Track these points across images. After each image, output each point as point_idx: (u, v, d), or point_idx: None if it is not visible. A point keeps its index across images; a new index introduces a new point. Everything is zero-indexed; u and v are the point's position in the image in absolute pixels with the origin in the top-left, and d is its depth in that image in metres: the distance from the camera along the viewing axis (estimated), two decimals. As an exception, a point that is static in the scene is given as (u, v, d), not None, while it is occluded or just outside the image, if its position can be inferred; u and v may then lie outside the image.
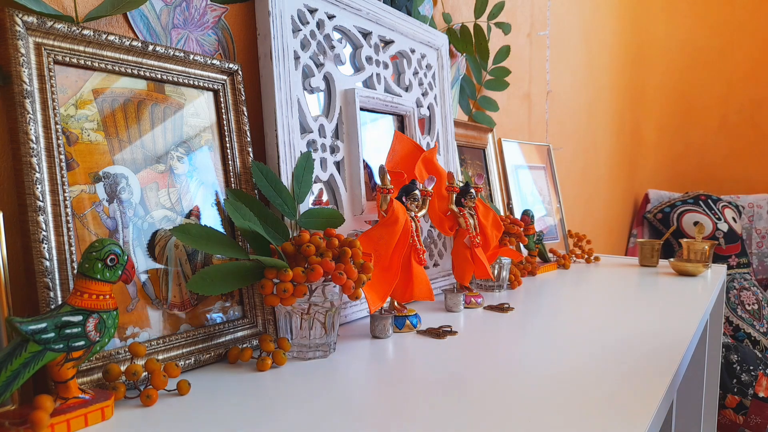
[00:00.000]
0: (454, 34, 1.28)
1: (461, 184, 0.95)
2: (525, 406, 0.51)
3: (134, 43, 0.59)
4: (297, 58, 0.78)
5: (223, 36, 0.75)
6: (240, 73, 0.71)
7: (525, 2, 1.74)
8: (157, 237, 0.60)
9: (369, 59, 0.92)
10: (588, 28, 2.33)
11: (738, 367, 1.97)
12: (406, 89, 1.02)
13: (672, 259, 1.36)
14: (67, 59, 0.54)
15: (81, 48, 0.55)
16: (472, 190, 0.95)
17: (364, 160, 0.88)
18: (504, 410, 0.50)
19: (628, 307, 0.95)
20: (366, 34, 0.92)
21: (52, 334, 0.43)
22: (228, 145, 0.70)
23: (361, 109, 0.89)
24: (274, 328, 0.70)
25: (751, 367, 1.97)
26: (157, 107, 0.63)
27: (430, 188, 0.83)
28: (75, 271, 0.51)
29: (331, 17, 0.85)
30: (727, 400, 1.96)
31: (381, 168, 0.77)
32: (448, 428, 0.46)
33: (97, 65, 0.57)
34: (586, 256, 1.52)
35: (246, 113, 0.71)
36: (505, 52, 1.42)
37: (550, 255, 1.41)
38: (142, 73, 0.61)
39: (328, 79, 0.84)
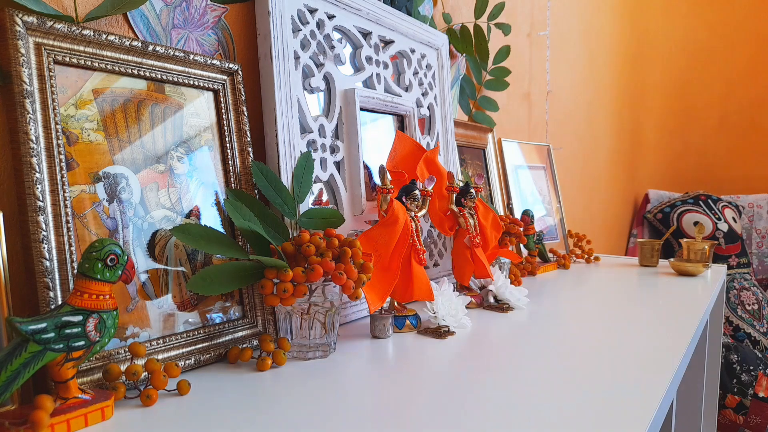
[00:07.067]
0: (454, 34, 1.28)
1: (461, 184, 0.95)
2: (525, 405, 0.51)
3: (134, 43, 0.59)
4: (297, 58, 0.78)
5: (223, 36, 0.75)
6: (240, 73, 0.71)
7: (525, 2, 1.74)
8: (157, 237, 0.60)
9: (369, 59, 0.92)
10: (588, 28, 2.33)
11: (738, 367, 1.97)
12: (406, 89, 1.02)
13: (672, 259, 1.36)
14: (67, 59, 0.54)
15: (81, 48, 0.55)
16: (472, 190, 0.95)
17: (363, 161, 0.88)
18: (504, 410, 0.50)
19: (628, 307, 0.95)
20: (366, 34, 0.92)
21: (52, 334, 0.43)
22: (228, 145, 0.70)
23: (361, 109, 0.89)
24: (274, 328, 0.70)
25: (751, 367, 1.97)
26: (157, 107, 0.63)
27: (430, 188, 0.83)
28: (75, 271, 0.51)
29: (331, 17, 0.85)
30: (727, 400, 1.96)
31: (381, 168, 0.77)
32: (448, 428, 0.46)
33: (97, 65, 0.57)
34: (586, 256, 1.52)
35: (246, 113, 0.71)
36: (505, 52, 1.42)
37: (550, 255, 1.41)
38: (142, 73, 0.61)
39: (328, 79, 0.84)
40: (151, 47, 0.61)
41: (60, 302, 0.49)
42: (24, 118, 0.49)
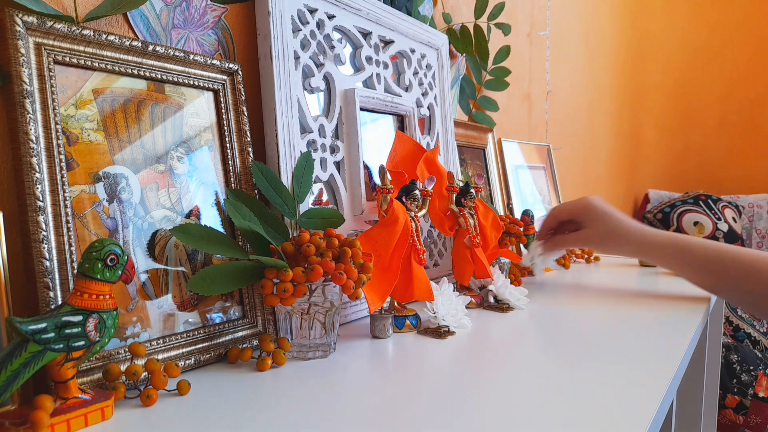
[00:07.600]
0: (454, 34, 1.28)
1: (461, 184, 0.95)
2: (525, 405, 0.51)
3: (134, 43, 0.59)
4: (297, 58, 0.78)
5: (223, 36, 0.75)
6: (240, 73, 0.71)
7: (525, 2, 1.74)
8: (157, 237, 0.60)
9: (369, 59, 0.92)
10: (588, 28, 2.33)
11: (738, 367, 1.97)
12: (406, 89, 1.02)
13: (672, 259, 1.35)
14: (67, 59, 0.54)
15: (81, 48, 0.55)
16: (472, 190, 0.95)
17: (363, 161, 0.88)
18: (504, 409, 0.50)
19: (628, 307, 0.95)
20: (366, 34, 0.92)
21: (52, 334, 0.43)
22: (228, 145, 0.70)
23: (361, 109, 0.89)
24: (274, 328, 0.70)
25: (751, 367, 1.97)
26: (157, 107, 0.63)
27: (430, 188, 0.83)
28: (75, 271, 0.51)
29: (331, 17, 0.85)
30: (727, 400, 1.96)
31: (381, 168, 0.77)
32: (448, 428, 0.46)
33: (97, 65, 0.57)
34: (586, 256, 1.52)
35: (246, 113, 0.71)
36: (505, 52, 1.42)
37: (550, 255, 1.41)
38: (142, 73, 0.61)
39: (328, 79, 0.84)
40: (151, 47, 0.61)
41: (60, 302, 0.49)
42: (24, 118, 0.49)
